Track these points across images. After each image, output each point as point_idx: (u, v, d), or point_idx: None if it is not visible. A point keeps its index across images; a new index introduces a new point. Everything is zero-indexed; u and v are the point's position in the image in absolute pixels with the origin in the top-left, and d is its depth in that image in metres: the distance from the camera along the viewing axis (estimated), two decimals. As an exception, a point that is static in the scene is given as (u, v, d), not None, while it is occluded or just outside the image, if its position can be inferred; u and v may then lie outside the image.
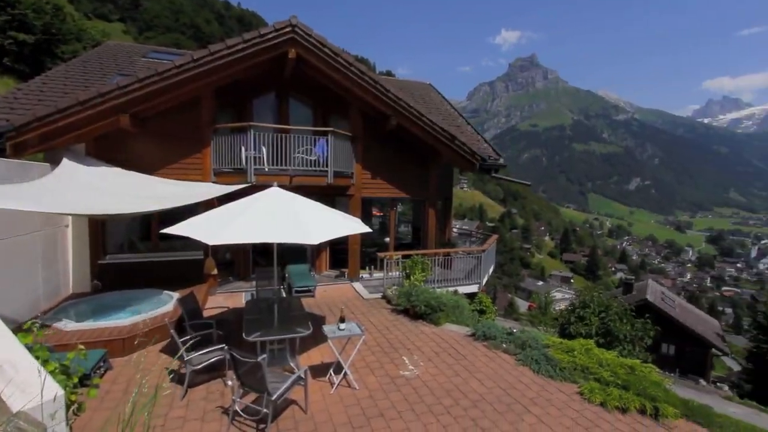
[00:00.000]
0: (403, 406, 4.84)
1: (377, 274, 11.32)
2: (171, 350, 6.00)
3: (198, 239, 4.78)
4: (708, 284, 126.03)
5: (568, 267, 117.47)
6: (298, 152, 9.58)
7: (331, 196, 10.97)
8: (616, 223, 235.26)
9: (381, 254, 10.42)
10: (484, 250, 10.93)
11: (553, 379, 5.73)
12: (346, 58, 9.32)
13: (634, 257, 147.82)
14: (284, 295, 9.02)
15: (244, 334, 5.21)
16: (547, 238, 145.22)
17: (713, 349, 30.69)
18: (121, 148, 8.76)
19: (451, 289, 9.90)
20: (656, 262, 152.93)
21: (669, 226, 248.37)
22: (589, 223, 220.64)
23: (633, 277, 47.23)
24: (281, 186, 6.19)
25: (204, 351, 5.04)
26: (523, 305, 66.97)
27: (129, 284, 8.12)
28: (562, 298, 62.41)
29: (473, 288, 10.74)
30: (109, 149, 8.60)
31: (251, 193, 5.91)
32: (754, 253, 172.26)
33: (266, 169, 9.15)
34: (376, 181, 11.23)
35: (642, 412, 5.00)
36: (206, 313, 7.36)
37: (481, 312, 10.24)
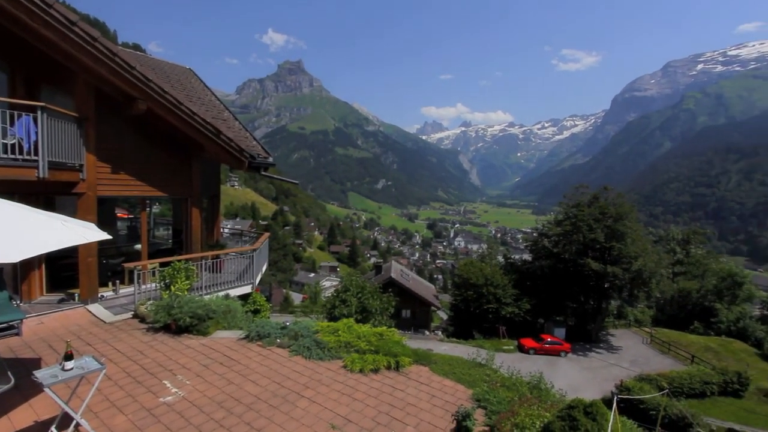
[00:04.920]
0: (167, 435, 4.26)
1: (125, 290, 9.30)
2: None
3: None
4: (428, 259, 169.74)
5: (335, 257, 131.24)
6: (-22, 131, 6.59)
7: (47, 194, 8.17)
8: (369, 217, 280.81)
9: (129, 265, 8.60)
10: (255, 249, 10.80)
11: (323, 360, 6.38)
12: (63, 13, 7.07)
13: (382, 244, 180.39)
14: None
15: None
16: (316, 232, 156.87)
17: (432, 307, 41.63)
18: None
19: (222, 293, 9.30)
20: (397, 246, 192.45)
21: (404, 217, 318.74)
22: (350, 218, 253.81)
23: (382, 261, 57.90)
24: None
25: None
26: (297, 298, 70.23)
27: None
28: (330, 285, 69.24)
29: (246, 288, 10.45)
30: None
31: None
32: (452, 234, 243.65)
33: None
34: (120, 176, 9.12)
35: (389, 368, 6.30)
36: None
37: (256, 312, 10.13)
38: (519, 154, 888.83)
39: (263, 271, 12.32)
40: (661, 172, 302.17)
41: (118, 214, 12.21)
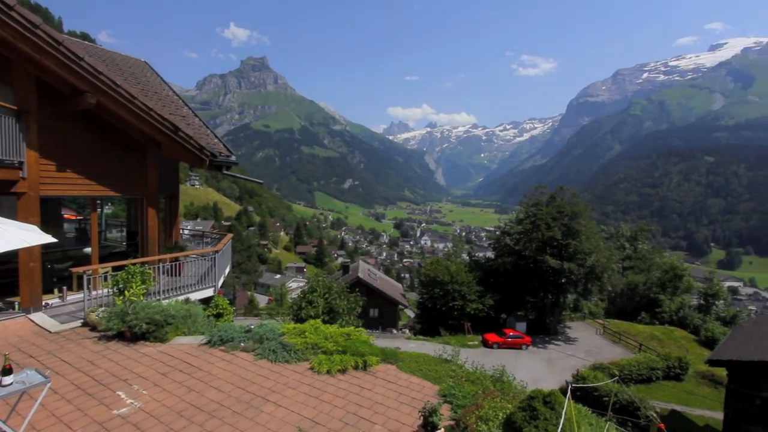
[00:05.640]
0: (122, 449, 4.03)
1: (74, 297, 8.68)
2: None
3: None
4: (395, 258, 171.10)
5: (302, 258, 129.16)
6: None
7: (-23, 194, 7.43)
8: (336, 217, 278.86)
9: (78, 269, 8.03)
10: (218, 251, 10.43)
11: (289, 363, 6.28)
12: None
13: (349, 244, 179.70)
14: None
15: None
16: (282, 233, 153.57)
17: (400, 306, 42.00)
18: None
19: (181, 297, 8.90)
20: (365, 245, 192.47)
21: (371, 217, 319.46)
22: (316, 218, 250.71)
23: (349, 260, 57.64)
24: None
25: None
26: (263, 300, 68.51)
27: None
28: (297, 287, 68.09)
29: (208, 292, 10.07)
30: None
31: None
32: (418, 234, 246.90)
33: None
34: (66, 175, 8.49)
35: (356, 367, 6.29)
36: None
37: (219, 315, 9.77)
38: (482, 155, 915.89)
39: (226, 274, 11.93)
40: (611, 174, 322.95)
41: (66, 215, 11.35)
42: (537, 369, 24.23)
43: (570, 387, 5.46)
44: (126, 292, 7.65)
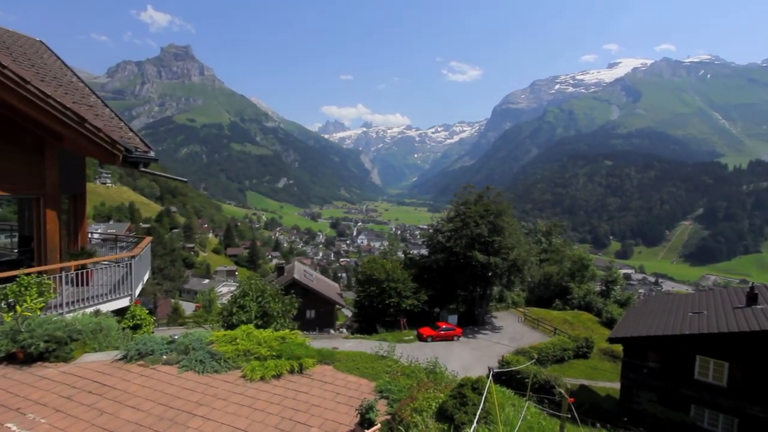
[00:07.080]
0: (16, 487, 3.50)
1: (-57, 316, 7.27)
2: None
3: None
4: (332, 258, 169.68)
5: (233, 261, 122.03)
6: None
7: None
8: (270, 217, 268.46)
9: (-50, 284, 6.75)
10: (134, 256, 9.47)
11: (219, 372, 5.94)
12: None
13: (284, 244, 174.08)
14: None
15: None
16: (210, 235, 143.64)
17: (337, 305, 41.75)
18: None
19: (90, 309, 7.94)
20: (300, 246, 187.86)
21: (307, 217, 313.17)
22: (249, 218, 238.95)
23: (284, 262, 55.86)
24: None
25: None
26: (189, 308, 63.38)
27: None
28: (228, 291, 64.10)
29: (124, 302, 9.10)
30: None
31: None
32: (355, 233, 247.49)
33: None
34: (-69, 171, 7.09)
35: (292, 371, 6.16)
36: None
37: (136, 327, 8.92)
38: (416, 156, 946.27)
39: (145, 281, 10.89)
40: (530, 174, 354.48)
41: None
42: (467, 358, 25.71)
43: (492, 373, 5.93)
44: (18, 306, 6.62)
